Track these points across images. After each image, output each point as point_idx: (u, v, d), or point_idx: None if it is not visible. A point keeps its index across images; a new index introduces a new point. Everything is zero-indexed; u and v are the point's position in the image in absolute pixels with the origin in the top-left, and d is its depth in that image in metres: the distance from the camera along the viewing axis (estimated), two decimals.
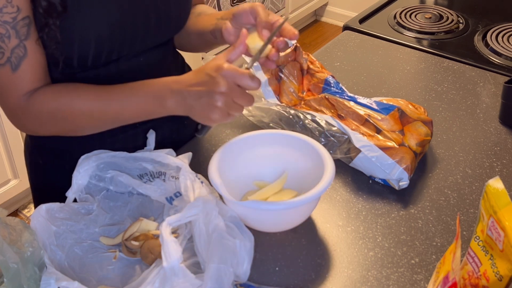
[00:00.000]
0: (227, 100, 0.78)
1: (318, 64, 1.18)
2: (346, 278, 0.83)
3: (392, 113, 1.02)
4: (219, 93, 0.78)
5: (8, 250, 0.74)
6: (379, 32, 1.49)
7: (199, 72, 0.81)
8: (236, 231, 0.80)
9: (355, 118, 1.03)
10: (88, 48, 0.87)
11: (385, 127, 1.00)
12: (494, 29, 1.48)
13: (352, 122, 1.02)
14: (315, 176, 0.87)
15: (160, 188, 0.91)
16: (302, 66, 1.16)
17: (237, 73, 0.78)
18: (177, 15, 0.98)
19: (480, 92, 1.24)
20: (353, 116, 1.03)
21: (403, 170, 0.95)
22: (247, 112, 1.11)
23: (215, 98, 0.78)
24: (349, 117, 1.03)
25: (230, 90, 0.78)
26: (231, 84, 0.78)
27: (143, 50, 0.96)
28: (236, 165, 0.94)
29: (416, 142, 0.99)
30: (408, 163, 0.96)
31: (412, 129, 1.00)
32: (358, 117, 1.02)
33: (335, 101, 1.06)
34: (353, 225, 0.92)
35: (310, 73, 1.16)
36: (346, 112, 1.04)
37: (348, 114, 1.03)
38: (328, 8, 3.73)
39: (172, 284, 0.72)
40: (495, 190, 0.63)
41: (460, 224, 0.76)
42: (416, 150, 0.98)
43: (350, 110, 1.04)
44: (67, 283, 0.73)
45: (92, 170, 0.92)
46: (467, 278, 0.68)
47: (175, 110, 0.84)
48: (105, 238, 0.89)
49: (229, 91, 0.78)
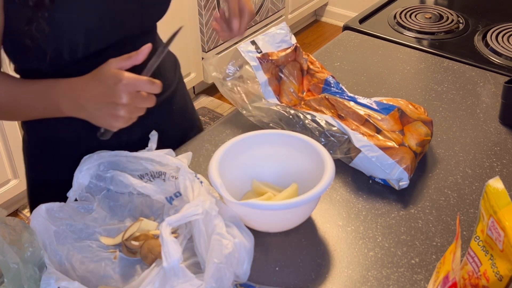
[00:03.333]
0: (129, 109, 0.80)
1: (318, 64, 1.18)
2: (346, 278, 0.83)
3: (392, 113, 1.02)
4: (121, 105, 0.79)
5: (8, 250, 0.74)
6: (379, 32, 1.49)
7: (96, 81, 0.82)
8: (236, 231, 0.80)
9: (355, 118, 1.03)
10: (78, 39, 0.87)
11: (385, 127, 1.00)
12: (494, 29, 1.48)
13: (352, 122, 1.02)
14: (315, 176, 0.87)
15: (160, 188, 0.91)
16: (302, 66, 1.17)
17: (137, 81, 0.79)
18: (160, 1, 0.99)
19: (480, 92, 1.24)
20: (353, 116, 1.03)
21: (403, 170, 0.95)
22: (246, 112, 1.11)
23: (118, 109, 0.79)
24: (349, 117, 1.03)
25: (132, 99, 0.79)
26: (133, 93, 0.79)
27: (128, 38, 0.96)
28: (236, 165, 0.94)
29: (416, 142, 0.99)
30: (408, 163, 0.96)
31: (412, 129, 1.00)
32: (358, 117, 1.02)
33: (335, 101, 1.06)
34: (353, 225, 0.92)
35: (310, 73, 1.16)
36: (346, 112, 1.04)
37: (348, 114, 1.04)
38: (328, 8, 3.73)
39: (172, 284, 0.72)
40: (495, 190, 0.63)
41: (460, 224, 0.76)
42: (416, 150, 0.98)
43: (350, 110, 1.04)
44: (67, 283, 0.73)
45: (93, 169, 0.92)
46: (467, 278, 0.68)
47: (73, 115, 0.86)
48: (105, 238, 0.89)
49: (131, 101, 0.79)
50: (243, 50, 1.13)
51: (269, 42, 1.16)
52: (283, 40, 1.17)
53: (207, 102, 2.95)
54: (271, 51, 1.14)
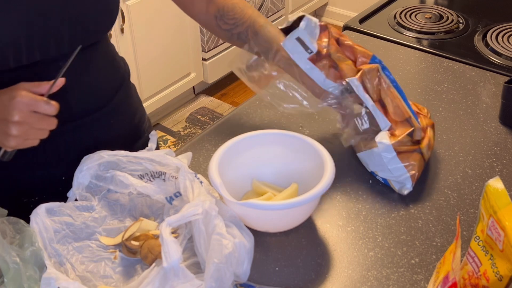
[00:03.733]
0: (22, 129, 0.78)
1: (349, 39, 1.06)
2: (346, 278, 0.83)
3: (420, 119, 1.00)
4: (12, 122, 0.77)
5: (8, 250, 0.74)
6: (379, 32, 1.49)
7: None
8: (236, 231, 0.80)
9: (395, 113, 0.98)
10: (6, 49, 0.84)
11: (417, 136, 0.97)
12: (494, 29, 1.48)
13: (390, 116, 0.98)
14: (315, 176, 0.87)
15: (160, 188, 0.91)
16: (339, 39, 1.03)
17: (32, 100, 0.77)
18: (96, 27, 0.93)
19: (480, 92, 1.24)
20: (396, 110, 0.98)
21: (409, 177, 0.95)
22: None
23: (9, 127, 0.77)
24: (391, 109, 0.98)
25: (25, 118, 0.77)
26: (26, 112, 0.77)
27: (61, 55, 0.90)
28: (236, 165, 0.94)
29: (428, 149, 0.99)
30: (415, 171, 0.95)
31: (428, 135, 1.00)
32: (399, 114, 0.98)
33: (386, 83, 0.99)
34: (353, 225, 0.92)
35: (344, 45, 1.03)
36: (390, 101, 0.98)
37: (391, 105, 0.98)
38: (328, 8, 3.73)
39: (172, 284, 0.72)
40: (495, 190, 0.63)
41: (460, 224, 0.76)
42: (426, 159, 0.98)
43: (395, 103, 0.98)
44: (67, 283, 0.73)
45: (93, 169, 0.92)
46: (467, 278, 0.68)
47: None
48: (105, 238, 0.89)
49: (23, 119, 0.77)
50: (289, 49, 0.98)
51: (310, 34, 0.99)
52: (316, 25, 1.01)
53: (207, 102, 2.95)
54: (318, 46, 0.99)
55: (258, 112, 1.18)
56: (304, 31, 0.98)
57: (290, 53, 0.98)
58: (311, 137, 0.95)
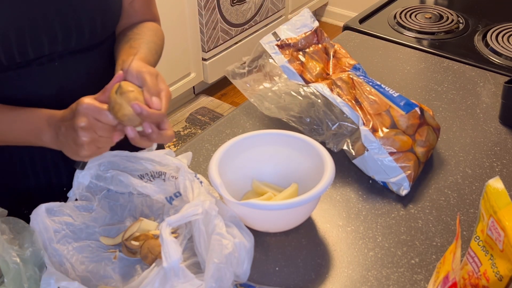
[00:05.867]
0: (90, 135, 0.78)
1: (344, 51, 1.15)
2: (346, 278, 0.83)
3: (412, 112, 0.99)
4: (80, 128, 0.78)
5: (8, 250, 0.74)
6: (379, 32, 1.49)
7: (68, 108, 0.81)
8: (236, 231, 0.80)
9: (373, 107, 0.99)
10: (10, 41, 0.84)
11: (401, 123, 0.98)
12: (494, 29, 1.48)
13: (367, 111, 0.99)
14: (315, 176, 0.87)
15: (160, 188, 0.91)
16: (327, 49, 1.14)
17: (95, 108, 0.78)
18: (92, 27, 0.91)
19: (480, 92, 1.24)
20: (373, 104, 0.99)
21: (405, 177, 0.95)
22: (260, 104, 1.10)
23: (79, 134, 0.78)
24: (367, 104, 0.99)
25: (91, 124, 0.78)
26: (91, 119, 0.78)
27: (58, 55, 0.90)
28: (236, 165, 0.94)
29: (423, 150, 0.98)
30: (411, 171, 0.95)
31: (423, 134, 0.99)
32: (377, 107, 0.99)
33: (359, 83, 1.02)
34: (353, 225, 0.92)
35: (336, 57, 1.13)
36: (365, 98, 1.00)
37: (367, 100, 1.00)
38: (328, 8, 3.73)
39: (172, 284, 0.72)
40: (495, 190, 0.63)
41: (460, 224, 0.76)
42: (421, 158, 0.98)
43: (371, 98, 1.00)
44: (67, 283, 0.73)
45: (94, 169, 0.92)
46: (467, 278, 0.68)
47: (51, 145, 0.85)
48: (105, 238, 0.89)
49: (89, 125, 0.78)
50: (264, 42, 1.11)
51: (289, 29, 1.13)
52: (304, 25, 1.14)
53: (207, 102, 2.95)
54: (291, 37, 1.12)
55: (258, 112, 1.18)
56: (285, 26, 1.14)
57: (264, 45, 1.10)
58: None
